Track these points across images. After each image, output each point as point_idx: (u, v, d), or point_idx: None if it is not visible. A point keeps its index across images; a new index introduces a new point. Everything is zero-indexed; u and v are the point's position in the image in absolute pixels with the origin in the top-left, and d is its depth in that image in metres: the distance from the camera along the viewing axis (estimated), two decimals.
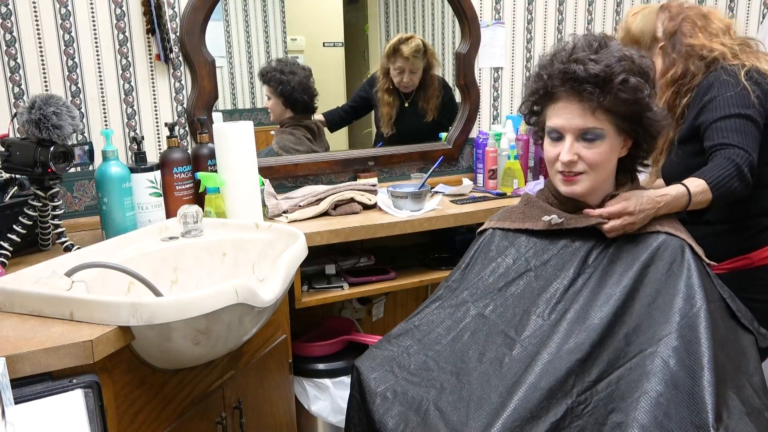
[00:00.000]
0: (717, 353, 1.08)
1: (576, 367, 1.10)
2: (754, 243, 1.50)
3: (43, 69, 1.69)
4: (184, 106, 1.89)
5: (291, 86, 2.11)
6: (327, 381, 1.85)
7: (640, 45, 1.57)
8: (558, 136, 1.25)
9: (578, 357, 1.11)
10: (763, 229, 1.50)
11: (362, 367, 1.26)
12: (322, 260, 1.91)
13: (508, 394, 1.09)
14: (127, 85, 1.80)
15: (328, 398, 1.85)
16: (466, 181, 2.26)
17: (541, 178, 2.25)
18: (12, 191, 1.54)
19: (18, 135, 1.59)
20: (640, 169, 1.36)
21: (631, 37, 1.60)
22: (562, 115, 1.22)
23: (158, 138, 1.87)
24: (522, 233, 1.35)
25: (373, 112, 2.39)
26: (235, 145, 1.67)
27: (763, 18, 2.33)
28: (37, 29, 1.66)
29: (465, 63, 2.26)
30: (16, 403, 0.91)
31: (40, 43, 1.67)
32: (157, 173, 1.67)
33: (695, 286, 1.15)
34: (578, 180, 1.25)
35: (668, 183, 1.49)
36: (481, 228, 1.44)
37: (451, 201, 2.02)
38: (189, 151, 1.84)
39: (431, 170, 1.96)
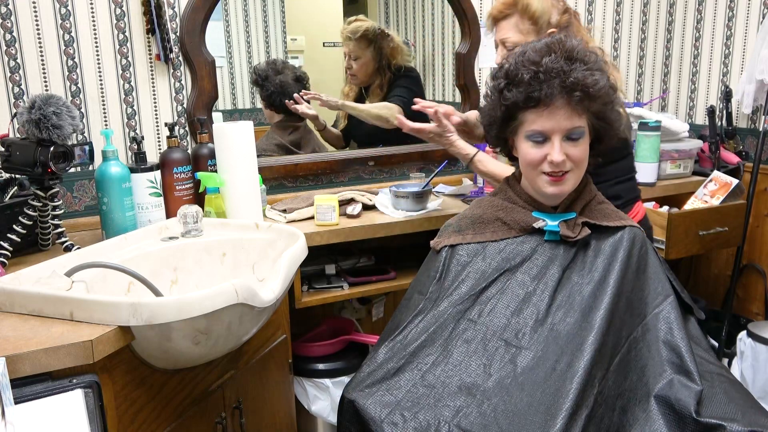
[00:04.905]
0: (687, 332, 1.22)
1: (596, 356, 1.12)
2: None
3: (43, 69, 1.69)
4: (184, 106, 1.89)
5: (268, 92, 2.10)
6: (327, 381, 1.85)
7: (536, 24, 1.57)
8: (543, 139, 1.25)
9: (595, 347, 1.13)
10: None
11: (354, 396, 1.14)
12: (322, 260, 1.91)
13: (543, 405, 1.07)
14: (127, 85, 1.80)
15: (328, 398, 1.85)
16: (466, 181, 2.27)
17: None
18: (12, 191, 1.54)
19: (18, 135, 1.59)
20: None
21: (530, 14, 1.57)
22: (552, 118, 1.23)
23: (158, 138, 1.87)
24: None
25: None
26: (235, 145, 1.67)
27: (763, 18, 2.33)
28: (37, 29, 1.66)
29: (465, 63, 2.26)
30: (16, 403, 0.91)
31: (40, 43, 1.67)
32: (157, 173, 1.67)
33: (661, 273, 1.29)
34: (566, 179, 1.27)
35: None
36: (450, 242, 1.36)
37: (453, 197, 2.03)
38: (189, 151, 1.84)
39: (435, 173, 1.96)
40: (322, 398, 1.85)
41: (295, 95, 2.08)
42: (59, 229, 1.51)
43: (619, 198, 1.65)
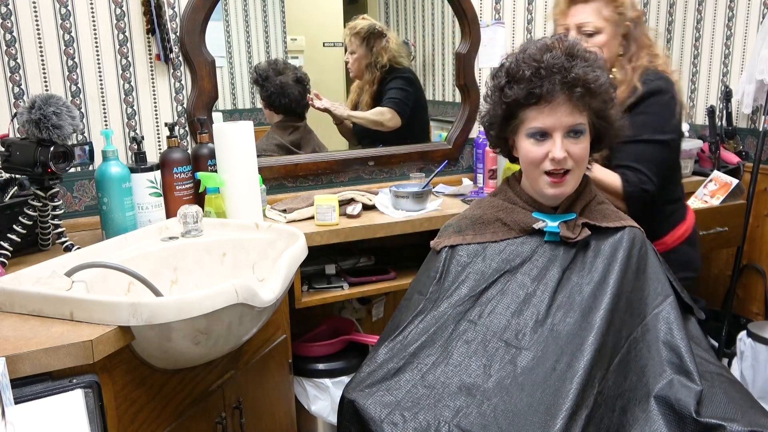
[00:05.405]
0: (687, 333, 1.22)
1: (596, 357, 1.12)
2: (664, 228, 1.64)
3: (43, 69, 1.69)
4: (184, 106, 1.89)
5: (268, 92, 2.11)
6: (327, 381, 1.85)
7: (620, 12, 1.57)
8: (544, 136, 1.25)
9: (595, 347, 1.13)
10: (669, 214, 1.65)
11: (354, 396, 1.13)
12: (322, 260, 1.91)
13: (543, 405, 1.07)
14: (127, 85, 1.80)
15: (328, 398, 1.85)
16: (466, 181, 2.27)
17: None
18: (12, 191, 1.54)
19: (18, 135, 1.59)
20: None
21: (617, 1, 1.57)
22: (553, 114, 1.23)
23: (158, 138, 1.87)
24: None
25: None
26: (235, 145, 1.67)
27: (763, 18, 2.33)
28: (37, 29, 1.66)
29: (465, 63, 2.26)
30: (16, 403, 0.91)
31: (40, 43, 1.67)
32: (157, 173, 1.67)
33: (660, 273, 1.29)
34: (566, 181, 1.27)
35: None
36: (450, 243, 1.35)
37: (453, 197, 2.03)
38: (189, 151, 1.84)
39: (435, 173, 1.96)
40: (322, 398, 1.85)
41: (314, 92, 2.16)
42: (59, 229, 1.51)
43: (681, 199, 1.69)
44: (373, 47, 2.22)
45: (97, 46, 1.74)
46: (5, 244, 1.43)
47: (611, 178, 1.54)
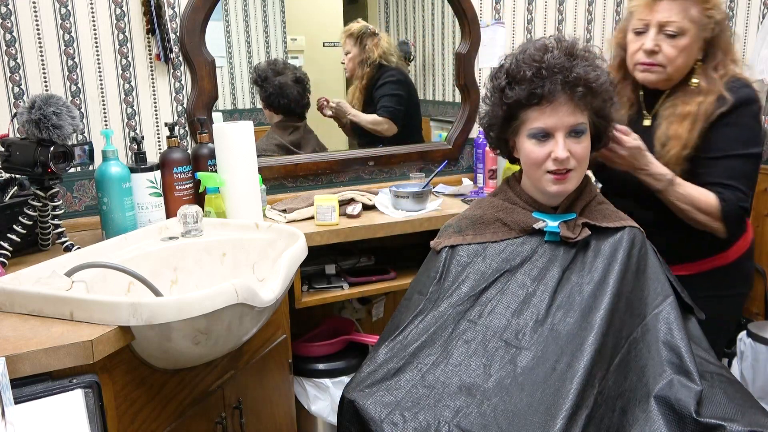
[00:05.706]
0: (688, 333, 1.22)
1: (596, 357, 1.12)
2: (730, 241, 1.55)
3: (43, 69, 1.69)
4: (184, 106, 1.89)
5: (267, 92, 2.12)
6: (327, 381, 1.85)
7: (709, 15, 1.45)
8: (546, 136, 1.25)
9: (595, 347, 1.13)
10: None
11: (354, 396, 1.14)
12: (322, 260, 1.92)
13: (543, 405, 1.07)
14: (127, 85, 1.80)
15: (328, 398, 1.85)
16: (466, 181, 2.27)
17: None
18: (12, 191, 1.54)
19: (18, 135, 1.59)
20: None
21: (709, 3, 1.46)
22: (554, 114, 1.23)
23: (158, 138, 1.87)
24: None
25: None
26: (235, 145, 1.67)
27: (763, 18, 2.33)
28: (37, 29, 1.66)
29: (465, 63, 2.26)
30: (16, 403, 0.91)
31: (40, 43, 1.67)
32: (157, 173, 1.67)
33: (660, 274, 1.29)
34: (569, 178, 1.27)
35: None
36: (450, 243, 1.35)
37: (453, 197, 2.03)
38: (189, 151, 1.84)
39: (435, 173, 1.96)
40: (322, 398, 1.85)
41: (325, 98, 2.22)
42: (59, 229, 1.51)
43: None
44: (366, 45, 2.25)
45: (97, 46, 1.74)
46: (5, 244, 1.43)
47: (706, 197, 1.43)
